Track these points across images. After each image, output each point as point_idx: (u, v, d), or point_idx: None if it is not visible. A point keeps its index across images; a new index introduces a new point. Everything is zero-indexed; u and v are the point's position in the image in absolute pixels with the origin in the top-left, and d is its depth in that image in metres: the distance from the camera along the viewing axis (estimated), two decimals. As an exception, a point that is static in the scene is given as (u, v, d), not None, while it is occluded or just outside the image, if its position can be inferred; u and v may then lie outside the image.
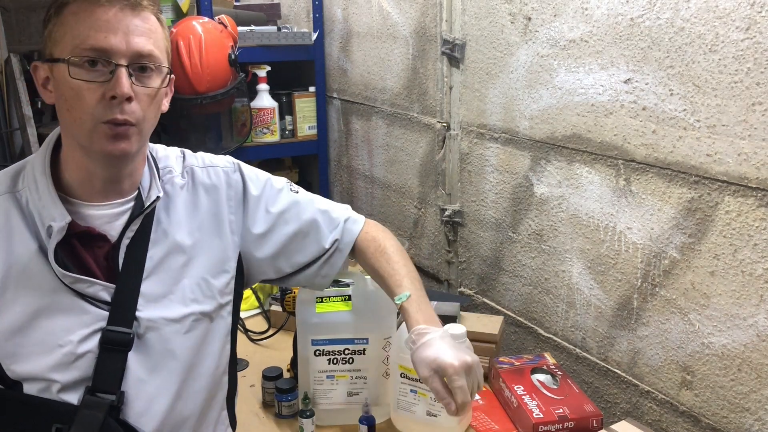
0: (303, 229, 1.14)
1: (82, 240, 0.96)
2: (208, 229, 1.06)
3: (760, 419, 1.11)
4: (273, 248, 1.13)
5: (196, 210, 1.06)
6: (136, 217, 0.98)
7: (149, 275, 0.99)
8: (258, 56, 2.31)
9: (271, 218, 1.12)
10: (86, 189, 0.97)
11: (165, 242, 1.02)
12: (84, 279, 0.94)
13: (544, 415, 1.22)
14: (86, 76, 0.89)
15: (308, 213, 1.15)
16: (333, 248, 1.16)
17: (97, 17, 0.89)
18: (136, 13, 0.91)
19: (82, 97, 0.89)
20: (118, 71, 0.89)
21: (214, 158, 1.12)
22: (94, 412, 0.92)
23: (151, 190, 1.01)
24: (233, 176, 1.11)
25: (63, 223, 0.92)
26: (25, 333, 0.93)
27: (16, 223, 0.94)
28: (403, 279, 1.11)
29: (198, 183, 1.07)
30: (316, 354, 1.30)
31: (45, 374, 0.93)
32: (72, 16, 0.89)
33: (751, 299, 1.09)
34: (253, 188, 1.12)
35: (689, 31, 1.13)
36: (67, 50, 0.89)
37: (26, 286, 0.93)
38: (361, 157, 2.34)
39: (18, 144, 2.77)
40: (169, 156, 1.08)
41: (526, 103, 1.51)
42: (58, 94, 0.92)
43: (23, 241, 0.94)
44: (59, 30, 0.90)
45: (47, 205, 0.93)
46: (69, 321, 0.94)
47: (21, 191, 0.96)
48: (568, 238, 1.45)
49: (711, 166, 1.12)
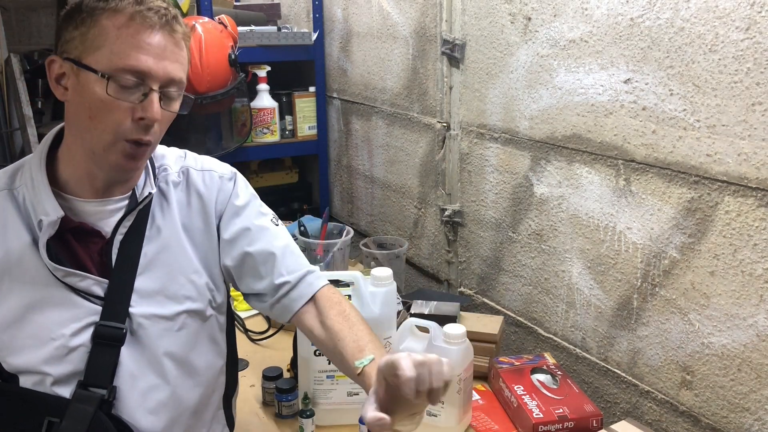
0: (262, 255, 1.08)
1: (76, 235, 0.97)
2: (199, 230, 1.07)
3: (760, 419, 1.11)
4: (233, 260, 1.08)
5: (188, 210, 1.07)
6: (129, 213, 0.99)
7: (143, 271, 1.00)
8: (258, 56, 2.31)
9: (241, 229, 1.08)
10: (84, 187, 0.98)
11: (159, 239, 1.02)
12: (76, 273, 0.95)
13: (544, 415, 1.22)
14: (121, 95, 0.90)
15: (275, 246, 1.09)
16: (284, 291, 1.08)
17: (142, 39, 0.89)
18: (175, 41, 0.93)
19: (111, 113, 0.90)
20: (152, 95, 0.91)
21: (214, 164, 1.12)
22: (85, 406, 0.93)
23: (144, 186, 1.02)
24: (227, 184, 1.11)
25: (55, 218, 0.93)
26: (19, 326, 0.94)
27: (12, 219, 0.95)
28: (367, 344, 1.00)
29: (192, 184, 1.08)
30: (316, 354, 1.30)
31: (38, 367, 0.94)
32: (115, 30, 0.89)
33: (751, 299, 1.09)
34: (240, 198, 1.11)
35: (689, 31, 1.13)
36: (103, 63, 0.89)
37: (20, 279, 0.94)
38: (361, 157, 2.34)
39: (18, 144, 2.77)
40: (166, 155, 1.09)
41: (526, 103, 1.51)
42: (81, 99, 0.92)
43: (18, 235, 0.95)
44: (97, 39, 0.89)
45: (41, 199, 0.94)
46: (61, 315, 0.95)
47: (18, 188, 0.97)
48: (568, 238, 1.45)
49: (711, 166, 1.12)
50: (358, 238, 2.13)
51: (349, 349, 1.00)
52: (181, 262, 1.04)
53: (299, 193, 2.71)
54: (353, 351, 0.99)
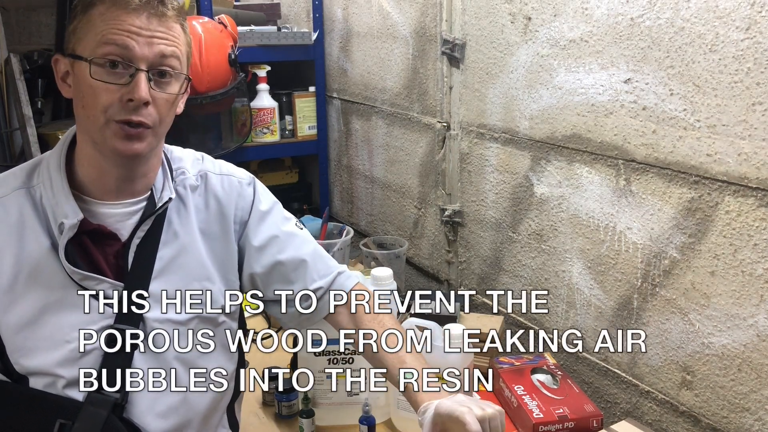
0: (293, 263, 1.11)
1: (93, 238, 0.97)
2: (216, 235, 1.07)
3: (760, 419, 1.11)
4: (263, 267, 1.10)
5: (206, 215, 1.06)
6: (147, 217, 0.99)
7: (158, 276, 1.00)
8: (258, 56, 2.31)
9: (270, 236, 1.10)
10: (99, 187, 0.97)
11: (175, 243, 1.02)
12: (93, 276, 0.95)
13: (544, 415, 1.22)
14: (106, 77, 0.90)
15: (305, 252, 1.12)
16: (319, 296, 1.12)
17: (123, 21, 0.90)
18: (162, 22, 0.92)
19: (99, 96, 0.90)
20: (138, 75, 0.91)
21: (232, 168, 1.13)
22: (98, 409, 0.93)
23: (163, 191, 1.01)
24: (247, 189, 1.11)
25: (75, 221, 0.93)
26: (34, 327, 0.94)
27: (29, 219, 0.95)
28: (405, 357, 1.05)
29: (210, 189, 1.08)
30: (316, 354, 1.30)
31: (51, 369, 0.94)
32: (99, 17, 0.90)
33: (751, 299, 1.09)
34: (263, 204, 1.12)
35: (689, 30, 1.13)
36: (89, 49, 0.90)
37: (37, 281, 0.94)
38: (361, 157, 2.34)
39: (18, 144, 2.76)
40: (183, 158, 1.09)
41: (526, 103, 1.51)
42: (77, 90, 0.93)
43: (35, 236, 0.95)
44: (84, 28, 0.91)
45: (60, 201, 0.94)
46: (76, 317, 0.95)
47: (35, 187, 0.97)
48: (568, 238, 1.45)
49: (711, 166, 1.12)
50: (358, 238, 2.13)
51: (389, 359, 1.06)
52: (196, 267, 1.03)
53: (299, 193, 2.71)
54: (393, 361, 1.05)
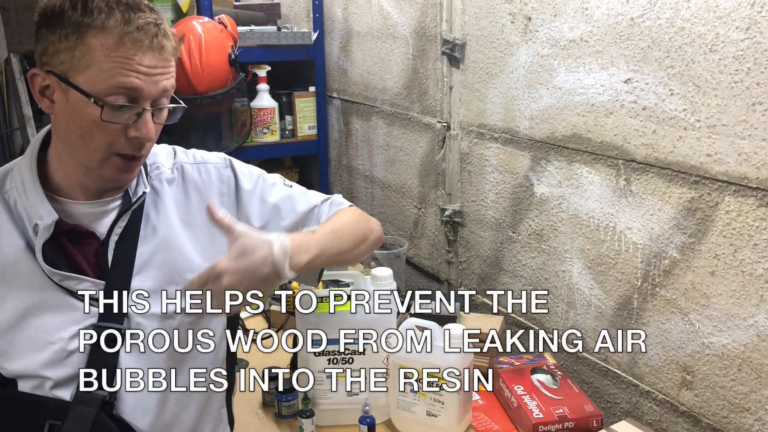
0: (299, 221, 1.14)
1: (71, 238, 0.96)
2: (199, 225, 1.06)
3: (760, 419, 1.11)
4: None
5: (186, 206, 1.06)
6: (123, 213, 0.99)
7: (139, 272, 1.00)
8: (258, 56, 2.31)
9: (267, 210, 1.12)
10: (76, 191, 0.98)
11: (154, 239, 1.02)
12: (73, 276, 0.95)
13: (544, 415, 1.22)
14: (114, 117, 0.89)
15: (303, 206, 1.15)
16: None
17: (132, 60, 0.88)
18: (163, 55, 0.92)
19: (103, 133, 0.90)
20: (145, 115, 0.91)
21: (206, 155, 1.12)
22: (86, 408, 0.93)
23: (137, 186, 1.02)
24: (224, 172, 1.11)
25: (50, 221, 0.93)
26: (16, 331, 0.94)
27: (4, 223, 0.95)
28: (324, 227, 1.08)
29: (188, 180, 1.08)
30: (316, 354, 1.30)
31: (37, 371, 0.94)
32: (103, 50, 0.87)
33: (751, 299, 1.09)
34: (246, 182, 1.12)
35: (689, 31, 1.13)
36: (97, 88, 0.88)
37: (16, 284, 0.94)
38: (361, 157, 2.34)
39: (18, 144, 2.77)
40: (157, 153, 1.08)
41: (526, 103, 1.51)
42: (70, 117, 0.91)
43: (11, 240, 0.94)
44: (84, 57, 0.87)
45: (34, 203, 0.94)
46: (59, 318, 0.94)
47: (8, 192, 0.97)
48: (568, 238, 1.45)
49: (711, 166, 1.12)
50: (358, 238, 2.13)
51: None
52: (178, 261, 1.03)
53: (299, 193, 2.71)
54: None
